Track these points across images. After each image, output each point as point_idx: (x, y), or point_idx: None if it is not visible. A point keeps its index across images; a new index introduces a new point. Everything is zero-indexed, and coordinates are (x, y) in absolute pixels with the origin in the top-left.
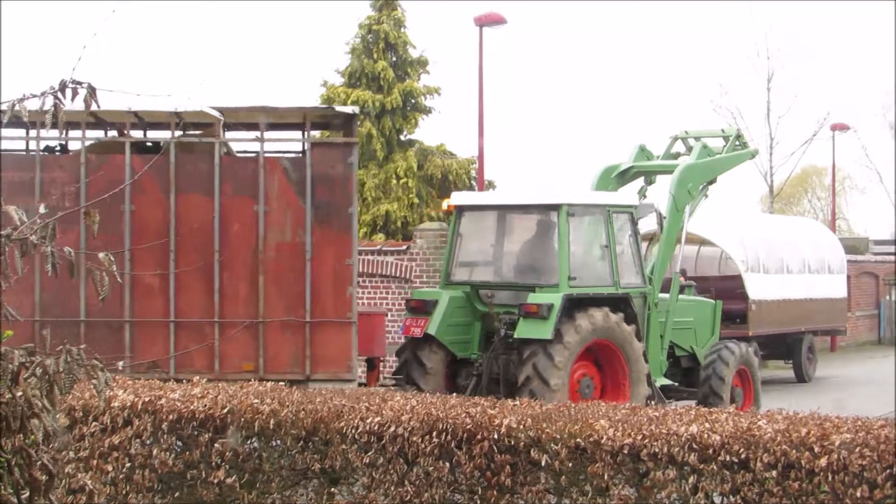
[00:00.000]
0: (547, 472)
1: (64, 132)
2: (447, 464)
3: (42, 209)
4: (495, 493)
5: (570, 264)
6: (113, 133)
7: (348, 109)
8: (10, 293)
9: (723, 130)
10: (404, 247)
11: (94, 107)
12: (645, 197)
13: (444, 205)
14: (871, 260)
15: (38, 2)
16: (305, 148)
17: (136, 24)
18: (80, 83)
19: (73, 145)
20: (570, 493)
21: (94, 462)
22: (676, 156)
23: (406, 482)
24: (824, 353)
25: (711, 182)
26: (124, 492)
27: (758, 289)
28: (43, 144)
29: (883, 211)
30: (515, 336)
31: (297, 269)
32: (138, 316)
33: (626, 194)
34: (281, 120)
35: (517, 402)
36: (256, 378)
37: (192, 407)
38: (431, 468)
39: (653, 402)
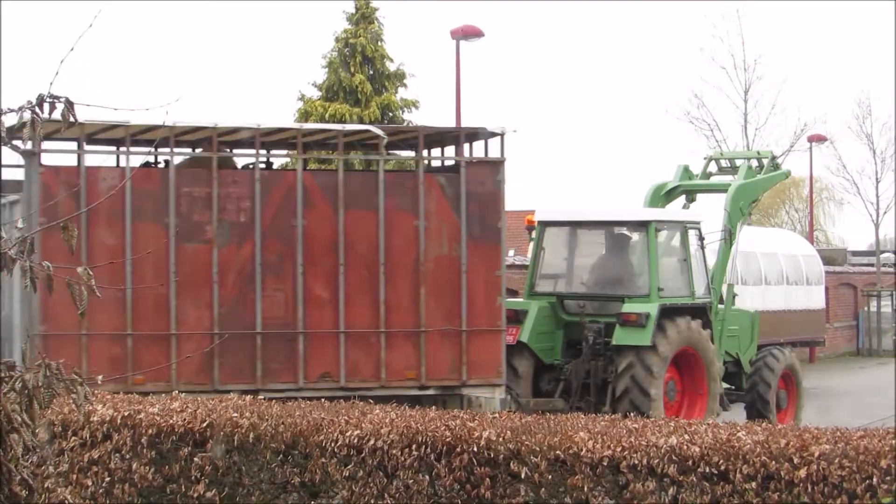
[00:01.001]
0: (526, 485)
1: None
2: (427, 477)
3: (21, 223)
4: None
5: (658, 276)
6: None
7: (499, 129)
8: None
9: (758, 153)
10: None
11: (71, 120)
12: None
13: (535, 221)
14: (849, 271)
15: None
16: (462, 165)
17: (113, 37)
18: (57, 97)
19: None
20: None
21: (74, 477)
22: (709, 175)
23: (386, 495)
24: (803, 364)
25: (755, 201)
26: None
27: (736, 300)
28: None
29: (860, 222)
30: (613, 343)
31: (453, 280)
32: (310, 327)
33: (694, 211)
34: (432, 138)
35: (496, 416)
36: (417, 386)
37: (171, 421)
38: (411, 481)
39: (724, 403)
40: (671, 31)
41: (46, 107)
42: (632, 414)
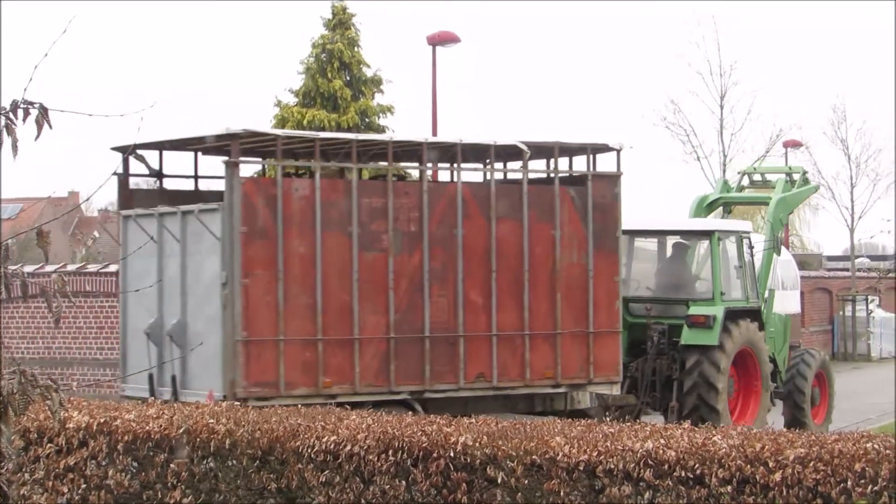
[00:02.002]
0: (503, 490)
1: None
2: (403, 482)
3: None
4: None
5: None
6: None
7: (616, 145)
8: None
9: (790, 168)
10: None
11: (45, 128)
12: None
13: None
14: (824, 276)
15: None
16: (588, 179)
17: (88, 42)
18: (31, 103)
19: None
20: None
21: (50, 483)
22: (742, 188)
23: (363, 501)
24: None
25: (790, 212)
26: None
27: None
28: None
29: (836, 227)
30: (683, 342)
31: (581, 286)
32: (468, 331)
33: (745, 222)
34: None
35: (473, 421)
36: (552, 385)
37: (147, 427)
38: (388, 486)
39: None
40: (648, 38)
41: (21, 113)
42: (699, 405)
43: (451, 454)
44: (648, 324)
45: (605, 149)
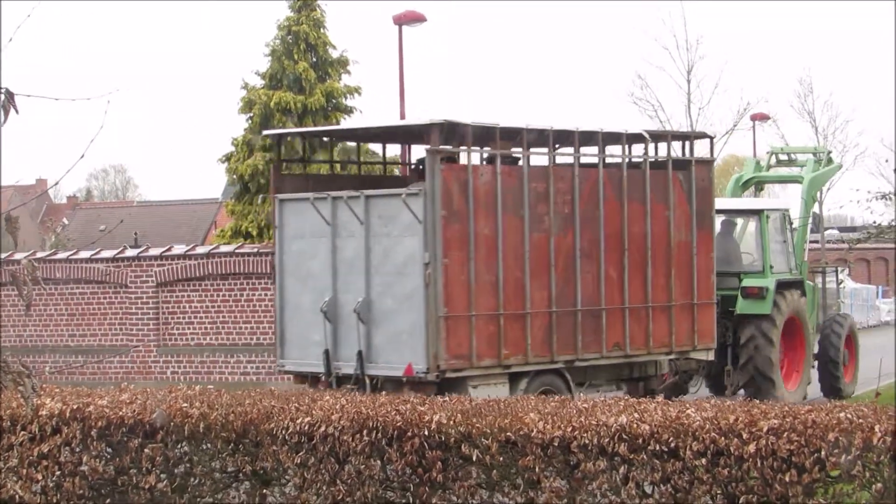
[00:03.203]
0: (478, 467)
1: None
2: (378, 461)
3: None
4: (427, 489)
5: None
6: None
7: (712, 133)
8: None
9: (815, 148)
10: None
11: (12, 113)
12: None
13: None
14: None
15: None
16: (693, 164)
17: (52, 28)
18: None
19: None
20: (501, 487)
21: (24, 471)
22: (769, 167)
23: (338, 481)
24: None
25: (818, 190)
26: (55, 500)
27: None
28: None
29: None
30: (738, 312)
31: (687, 262)
32: (608, 304)
33: (784, 200)
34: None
35: (446, 399)
36: (666, 352)
37: (120, 413)
38: (363, 466)
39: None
40: (614, 13)
41: None
42: (755, 356)
43: (426, 433)
44: None
45: (703, 136)
